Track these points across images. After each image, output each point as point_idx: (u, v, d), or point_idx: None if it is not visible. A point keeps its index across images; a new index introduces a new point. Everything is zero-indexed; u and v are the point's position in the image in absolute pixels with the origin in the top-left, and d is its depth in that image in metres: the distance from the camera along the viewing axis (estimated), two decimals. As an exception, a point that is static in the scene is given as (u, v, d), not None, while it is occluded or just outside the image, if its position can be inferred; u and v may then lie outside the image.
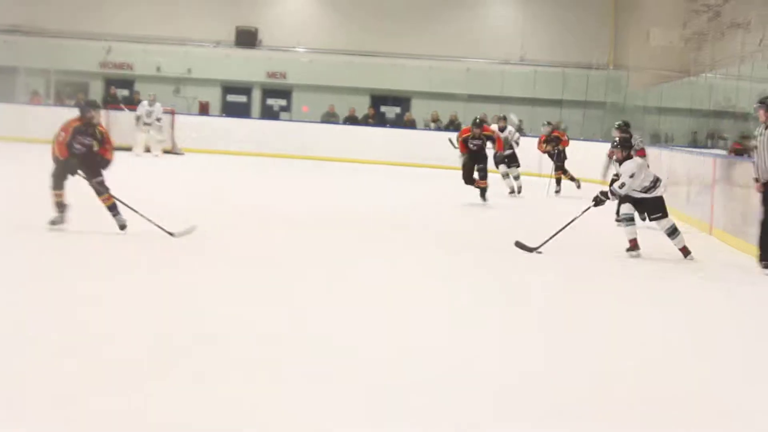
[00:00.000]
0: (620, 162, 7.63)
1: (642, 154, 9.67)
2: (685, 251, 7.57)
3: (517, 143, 13.07)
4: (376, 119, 20.19)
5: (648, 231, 8.33)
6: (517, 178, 12.84)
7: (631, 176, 7.41)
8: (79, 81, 21.33)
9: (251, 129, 19.13)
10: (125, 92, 20.66)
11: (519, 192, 12.70)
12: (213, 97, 21.19)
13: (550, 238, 7.27)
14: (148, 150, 16.87)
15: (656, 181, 7.60)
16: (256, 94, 21.65)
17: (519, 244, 7.32)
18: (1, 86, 20.74)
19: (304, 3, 21.68)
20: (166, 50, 20.86)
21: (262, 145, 18.17)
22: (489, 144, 11.65)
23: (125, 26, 20.47)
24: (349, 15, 21.18)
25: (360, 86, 20.77)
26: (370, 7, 20.91)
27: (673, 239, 7.59)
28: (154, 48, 20.79)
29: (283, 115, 21.32)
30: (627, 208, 7.63)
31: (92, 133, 7.27)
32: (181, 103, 19.89)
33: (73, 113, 7.68)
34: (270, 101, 21.55)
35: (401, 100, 21.16)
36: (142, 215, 7.21)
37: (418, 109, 20.51)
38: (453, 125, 18.00)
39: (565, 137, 13.49)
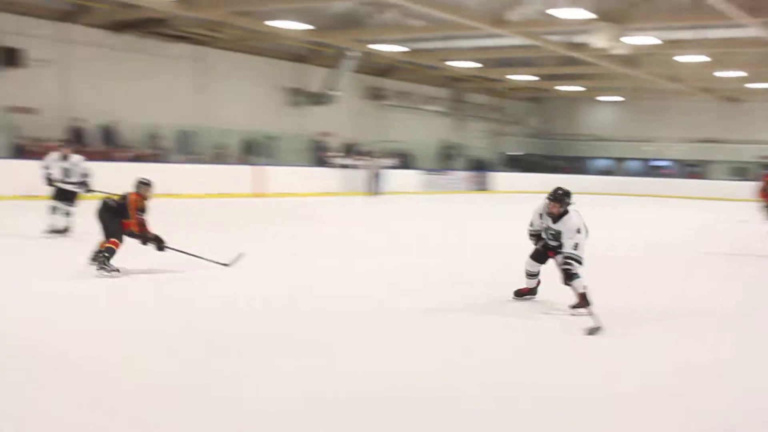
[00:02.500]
0: (555, 219, 6.26)
1: None
2: (582, 301, 5.98)
3: None
4: None
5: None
6: None
7: (578, 231, 6.18)
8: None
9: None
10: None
11: None
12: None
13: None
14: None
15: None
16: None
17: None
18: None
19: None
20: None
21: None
22: None
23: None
24: None
25: None
26: None
27: (570, 283, 6.10)
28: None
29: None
30: (530, 266, 6.56)
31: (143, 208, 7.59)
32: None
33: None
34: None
35: None
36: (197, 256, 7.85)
37: None
38: None
39: None
